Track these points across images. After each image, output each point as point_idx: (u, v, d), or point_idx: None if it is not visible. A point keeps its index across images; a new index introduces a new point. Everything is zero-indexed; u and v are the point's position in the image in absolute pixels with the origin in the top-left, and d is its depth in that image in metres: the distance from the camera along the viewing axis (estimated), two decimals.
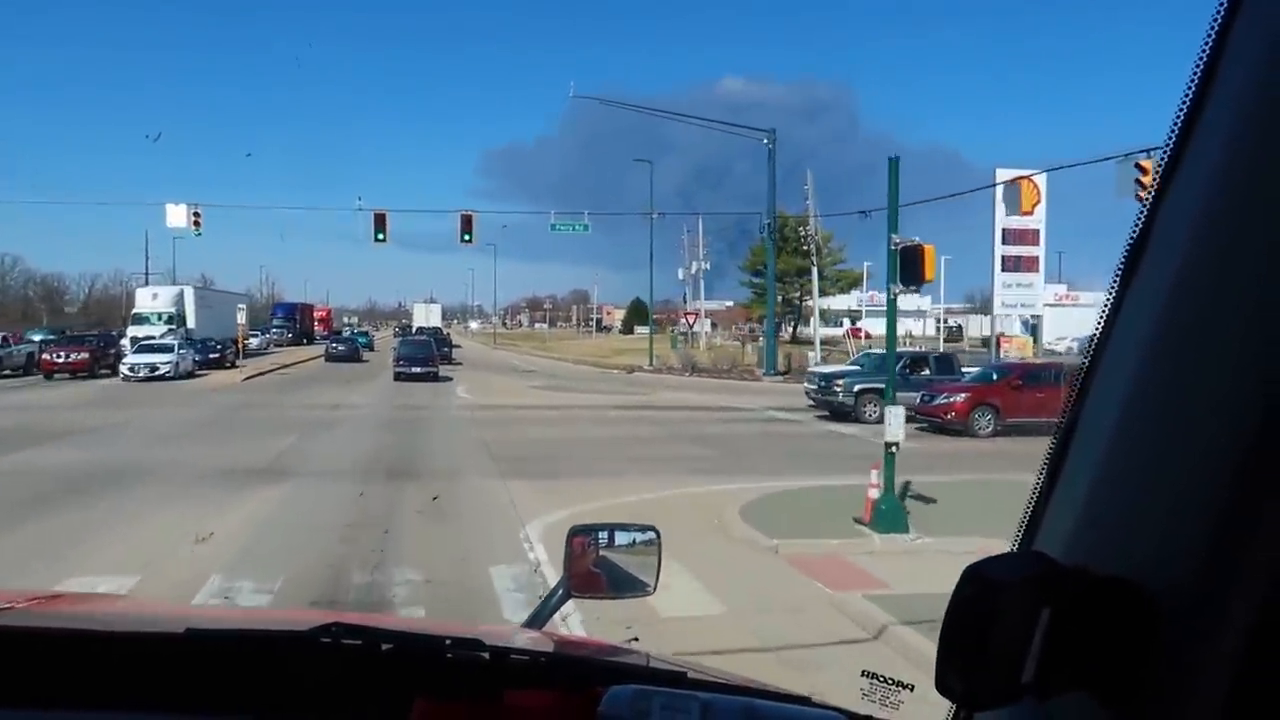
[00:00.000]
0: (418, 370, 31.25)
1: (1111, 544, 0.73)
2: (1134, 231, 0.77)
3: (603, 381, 38.13)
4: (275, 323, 76.96)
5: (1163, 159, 0.75)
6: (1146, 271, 0.76)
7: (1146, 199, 0.77)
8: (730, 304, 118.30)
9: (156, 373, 33.34)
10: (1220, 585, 0.62)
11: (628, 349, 64.25)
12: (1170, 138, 0.74)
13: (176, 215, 35.04)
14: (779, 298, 67.67)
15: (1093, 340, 0.82)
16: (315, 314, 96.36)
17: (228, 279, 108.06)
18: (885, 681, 1.37)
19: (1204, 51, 0.71)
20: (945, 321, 70.93)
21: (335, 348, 49.30)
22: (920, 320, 72.58)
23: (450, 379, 34.64)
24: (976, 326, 74.99)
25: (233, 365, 42.00)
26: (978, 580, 0.69)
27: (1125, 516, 0.73)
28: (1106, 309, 0.80)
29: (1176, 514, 0.67)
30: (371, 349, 60.06)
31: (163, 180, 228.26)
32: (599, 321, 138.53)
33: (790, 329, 72.54)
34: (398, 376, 31.36)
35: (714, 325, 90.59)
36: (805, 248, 64.03)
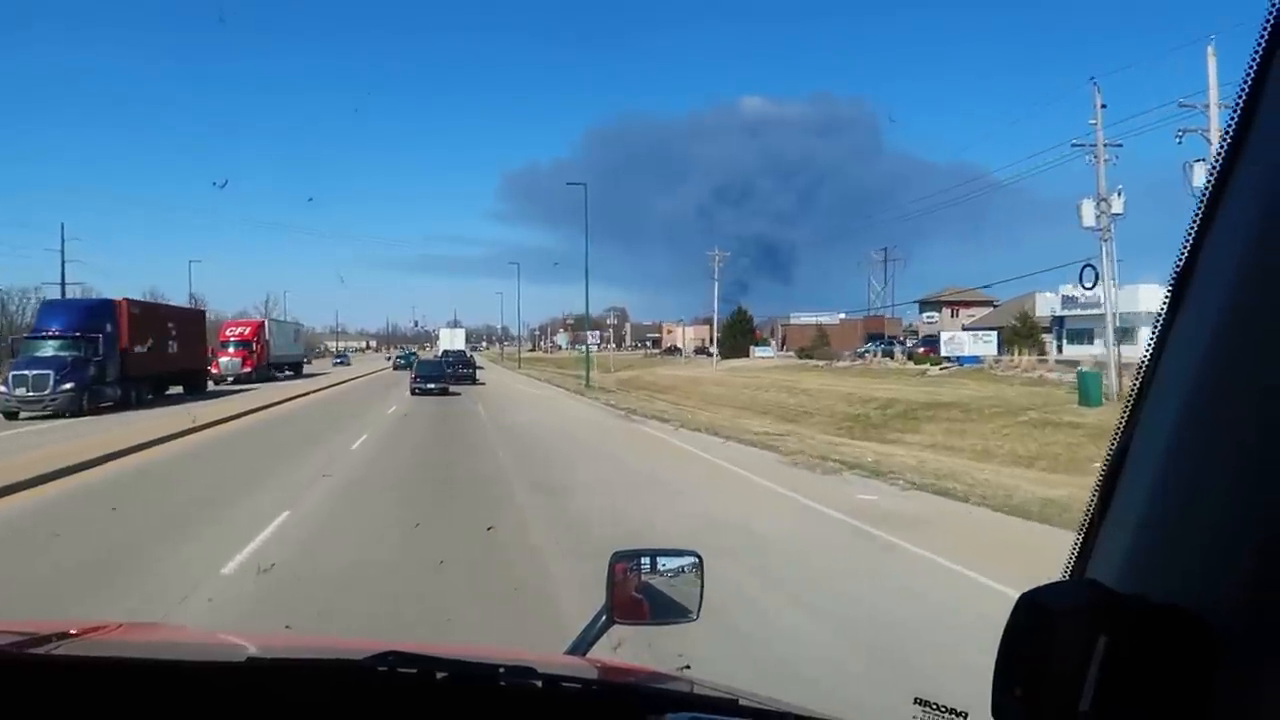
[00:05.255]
0: (431, 386, 37.15)
1: (1169, 571, 0.72)
2: (1182, 252, 0.75)
3: None
4: (23, 358, 27.71)
5: (1212, 174, 0.74)
6: (1197, 292, 0.75)
7: (1195, 218, 0.75)
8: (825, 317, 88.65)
9: None
10: None
11: (851, 394, 34.78)
12: (1220, 152, 0.73)
13: None
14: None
15: (1143, 362, 0.80)
16: (231, 331, 48.31)
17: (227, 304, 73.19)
18: (939, 710, 1.34)
19: (1255, 56, 0.70)
20: None
21: (400, 361, 68.79)
22: None
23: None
24: None
25: None
26: (1033, 608, 0.69)
27: (1183, 543, 0.72)
28: (1158, 329, 0.78)
29: (1237, 541, 0.66)
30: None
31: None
32: (656, 341, 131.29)
33: None
34: (414, 391, 36.85)
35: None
36: None
